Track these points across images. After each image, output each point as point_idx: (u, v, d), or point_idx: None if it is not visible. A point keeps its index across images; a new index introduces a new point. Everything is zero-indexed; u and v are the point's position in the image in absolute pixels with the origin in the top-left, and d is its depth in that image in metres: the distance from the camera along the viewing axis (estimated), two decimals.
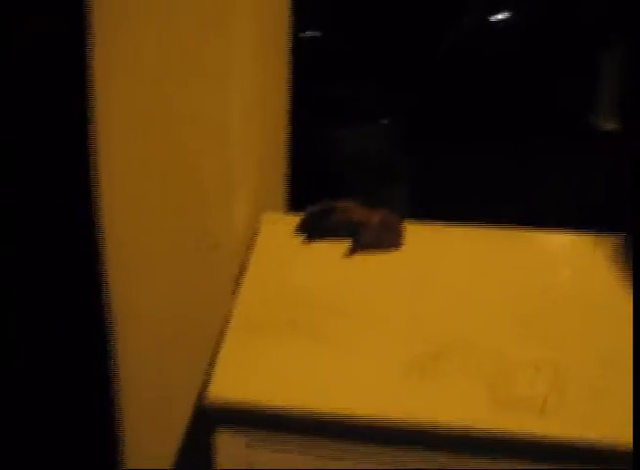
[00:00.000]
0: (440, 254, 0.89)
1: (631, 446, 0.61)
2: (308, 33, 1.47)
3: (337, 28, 1.44)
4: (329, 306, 0.81)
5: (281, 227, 0.95)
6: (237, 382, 0.72)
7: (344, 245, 0.89)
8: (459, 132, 1.37)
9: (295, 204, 1.09)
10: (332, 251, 0.88)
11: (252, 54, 0.91)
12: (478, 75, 1.30)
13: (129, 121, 0.91)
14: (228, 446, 0.72)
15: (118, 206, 0.96)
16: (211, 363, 0.77)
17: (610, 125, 1.35)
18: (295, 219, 0.95)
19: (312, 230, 0.89)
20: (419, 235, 0.90)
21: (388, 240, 0.87)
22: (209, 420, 0.72)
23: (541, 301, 0.81)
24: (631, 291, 0.81)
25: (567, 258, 0.89)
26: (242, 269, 0.90)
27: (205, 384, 0.72)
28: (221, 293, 0.94)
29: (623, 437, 0.63)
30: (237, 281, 0.91)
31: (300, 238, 0.91)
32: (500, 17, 1.32)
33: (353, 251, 0.87)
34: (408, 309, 0.80)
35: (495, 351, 0.75)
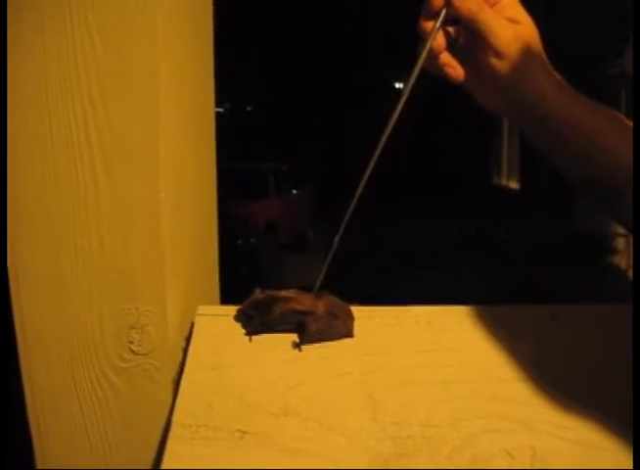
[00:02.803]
0: (394, 339, 0.83)
1: None
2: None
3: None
4: (279, 409, 0.74)
5: (217, 321, 0.87)
6: None
7: (290, 338, 0.82)
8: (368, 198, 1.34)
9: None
10: (276, 345, 0.81)
11: (181, 136, 0.86)
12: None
13: (43, 212, 0.82)
14: None
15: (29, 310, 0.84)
16: None
17: (511, 184, 1.39)
18: (231, 310, 0.87)
19: (254, 324, 0.82)
20: (368, 321, 0.85)
21: (337, 329, 0.81)
22: None
23: (507, 380, 0.77)
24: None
25: (524, 332, 0.84)
26: (179, 371, 0.82)
27: None
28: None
29: None
30: (173, 386, 0.83)
31: (241, 333, 0.84)
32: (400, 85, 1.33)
33: (301, 343, 0.80)
34: (367, 404, 0.74)
35: (467, 440, 0.69)
